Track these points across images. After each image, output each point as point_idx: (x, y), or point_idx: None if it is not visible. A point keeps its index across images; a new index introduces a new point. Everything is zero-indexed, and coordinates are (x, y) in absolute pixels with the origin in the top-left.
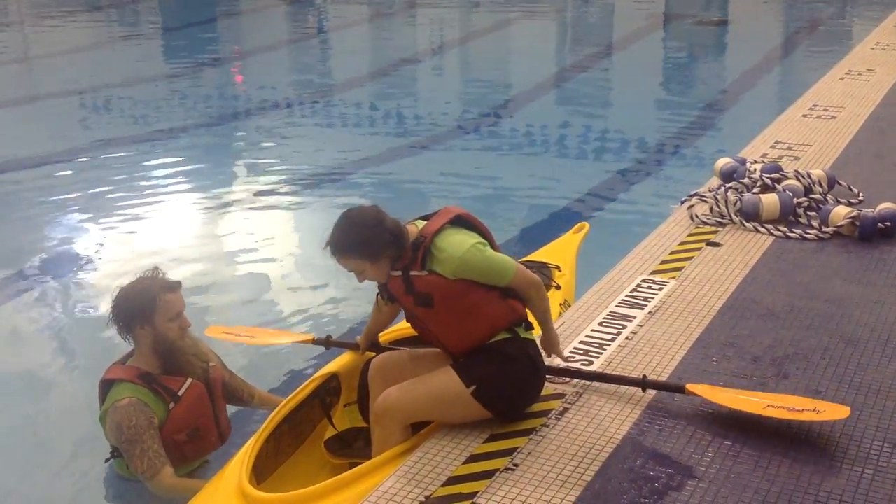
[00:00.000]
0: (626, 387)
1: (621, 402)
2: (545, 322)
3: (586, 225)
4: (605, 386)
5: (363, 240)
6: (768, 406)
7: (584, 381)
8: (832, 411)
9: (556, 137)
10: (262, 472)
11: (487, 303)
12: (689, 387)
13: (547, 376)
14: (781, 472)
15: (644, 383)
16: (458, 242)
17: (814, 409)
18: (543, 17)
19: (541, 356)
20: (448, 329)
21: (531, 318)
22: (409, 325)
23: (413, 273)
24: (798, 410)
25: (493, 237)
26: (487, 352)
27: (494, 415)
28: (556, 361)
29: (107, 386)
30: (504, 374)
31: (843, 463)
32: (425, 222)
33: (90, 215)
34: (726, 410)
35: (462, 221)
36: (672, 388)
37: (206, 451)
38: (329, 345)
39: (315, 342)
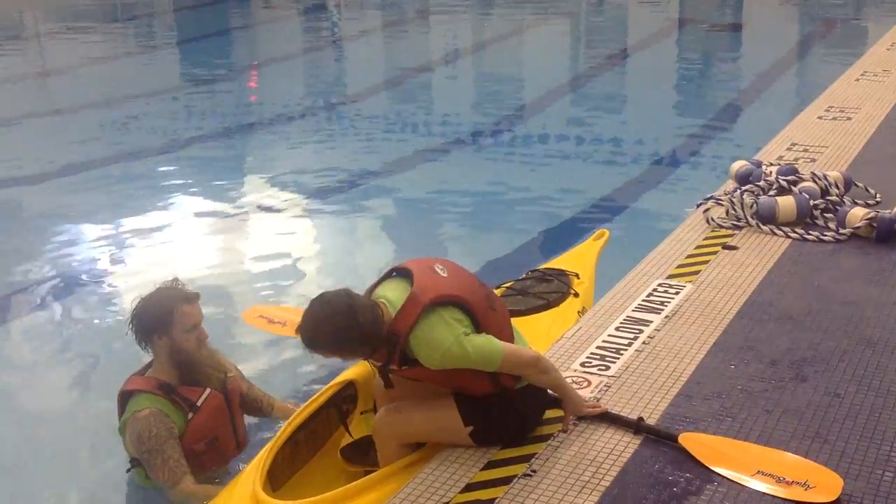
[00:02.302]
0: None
1: (638, 408)
2: (558, 390)
3: (606, 232)
4: (621, 391)
5: (334, 342)
6: (758, 472)
7: (600, 384)
8: (822, 488)
9: (571, 143)
10: (277, 479)
11: (476, 379)
12: (682, 438)
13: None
14: None
15: (638, 426)
16: (436, 340)
17: (804, 483)
18: (557, 22)
19: (534, 402)
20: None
21: None
22: None
23: (392, 367)
24: (787, 483)
25: (482, 290)
26: (487, 399)
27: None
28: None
29: (126, 397)
30: (501, 421)
31: (863, 466)
32: (398, 299)
33: (108, 226)
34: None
35: (440, 304)
36: (664, 436)
37: (224, 460)
38: None
39: None
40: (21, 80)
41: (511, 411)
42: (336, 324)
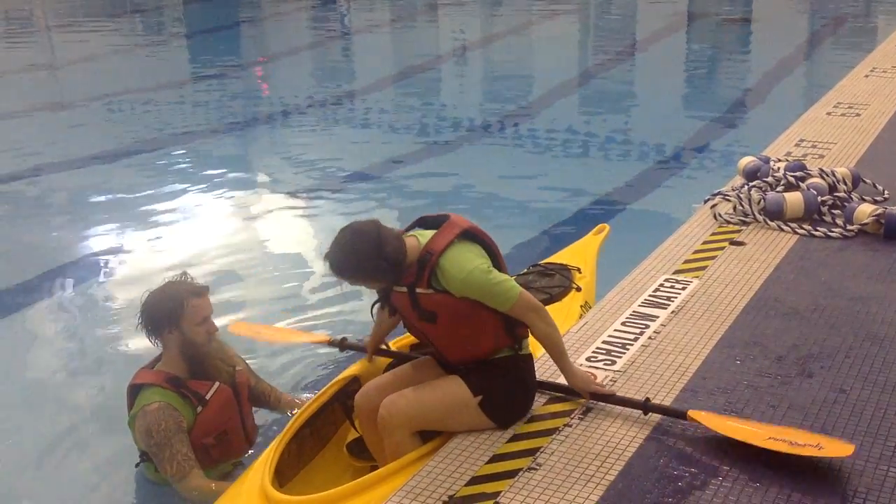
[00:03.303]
0: (630, 409)
1: None
2: (559, 354)
3: (606, 226)
4: (628, 385)
5: (360, 267)
6: (769, 438)
7: (605, 378)
8: (835, 448)
9: (579, 137)
10: (284, 474)
11: (491, 323)
12: (690, 413)
13: (554, 393)
14: (806, 471)
15: (646, 406)
16: (463, 261)
17: (816, 445)
18: (566, 16)
19: (533, 370)
20: (450, 343)
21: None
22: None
23: (419, 291)
24: (800, 445)
25: (500, 252)
26: (491, 365)
27: (496, 424)
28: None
29: (135, 390)
30: (507, 388)
31: (868, 461)
32: (430, 233)
33: (117, 220)
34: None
35: (469, 236)
36: (674, 413)
37: (233, 454)
38: (343, 347)
39: (330, 343)
40: (31, 72)
41: (516, 378)
42: (361, 252)
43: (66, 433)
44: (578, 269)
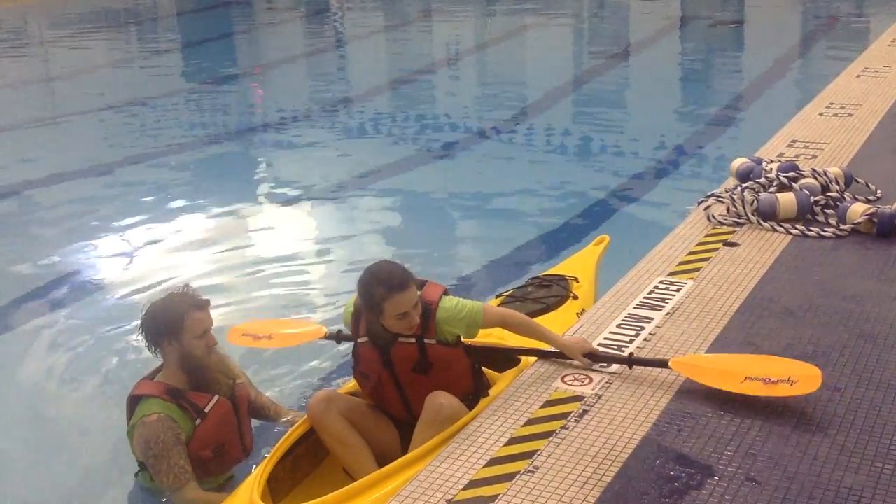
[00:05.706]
0: (618, 365)
1: (640, 404)
2: (540, 333)
3: (606, 238)
4: (623, 386)
5: (405, 269)
6: (746, 379)
7: (601, 380)
8: (804, 381)
9: (573, 141)
10: (278, 492)
11: (466, 373)
12: (672, 362)
13: (553, 360)
14: (801, 470)
15: (630, 361)
16: (443, 304)
17: (788, 380)
18: (559, 21)
19: None
20: (424, 394)
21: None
22: None
23: (427, 341)
24: (773, 382)
25: None
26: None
27: None
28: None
29: (135, 401)
30: None
31: (863, 459)
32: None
33: (115, 231)
34: (725, 395)
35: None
36: (656, 363)
37: (230, 467)
38: (340, 339)
39: (326, 337)
40: (27, 85)
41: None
42: (395, 264)
43: (65, 442)
44: (576, 279)
